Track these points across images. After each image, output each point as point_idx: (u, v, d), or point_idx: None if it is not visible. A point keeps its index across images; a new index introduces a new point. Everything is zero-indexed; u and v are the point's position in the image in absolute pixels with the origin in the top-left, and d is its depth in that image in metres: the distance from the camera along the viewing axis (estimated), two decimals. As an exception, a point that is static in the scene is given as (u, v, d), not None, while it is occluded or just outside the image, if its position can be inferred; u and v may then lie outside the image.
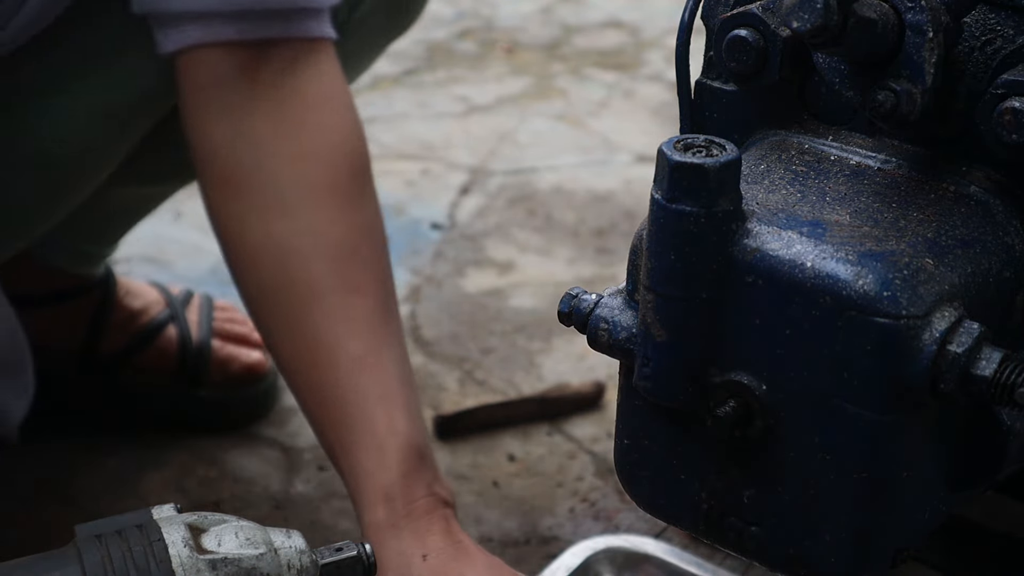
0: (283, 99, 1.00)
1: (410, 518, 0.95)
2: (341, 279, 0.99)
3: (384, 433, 0.97)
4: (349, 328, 0.99)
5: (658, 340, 0.76)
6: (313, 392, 1.00)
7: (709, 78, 0.86)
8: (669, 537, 1.17)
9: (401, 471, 0.96)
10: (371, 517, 0.96)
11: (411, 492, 0.96)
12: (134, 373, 1.36)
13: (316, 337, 0.99)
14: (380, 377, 0.98)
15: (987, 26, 0.77)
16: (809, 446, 0.75)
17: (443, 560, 0.94)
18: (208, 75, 1.00)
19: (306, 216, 1.00)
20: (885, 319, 0.70)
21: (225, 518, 0.79)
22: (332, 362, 0.98)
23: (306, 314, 0.99)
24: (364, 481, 0.96)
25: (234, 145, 1.01)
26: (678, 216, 0.73)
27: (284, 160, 1.00)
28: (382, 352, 0.99)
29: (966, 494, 0.82)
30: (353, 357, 0.98)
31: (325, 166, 1.01)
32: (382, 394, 0.98)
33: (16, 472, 1.29)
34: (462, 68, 2.30)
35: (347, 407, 0.98)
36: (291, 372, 1.02)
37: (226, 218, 1.03)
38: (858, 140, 0.83)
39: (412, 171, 1.92)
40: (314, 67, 1.01)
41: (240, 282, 1.04)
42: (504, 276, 1.66)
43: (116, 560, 0.74)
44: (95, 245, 1.35)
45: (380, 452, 0.96)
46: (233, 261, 1.04)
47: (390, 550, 0.94)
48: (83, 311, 1.35)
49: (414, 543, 0.94)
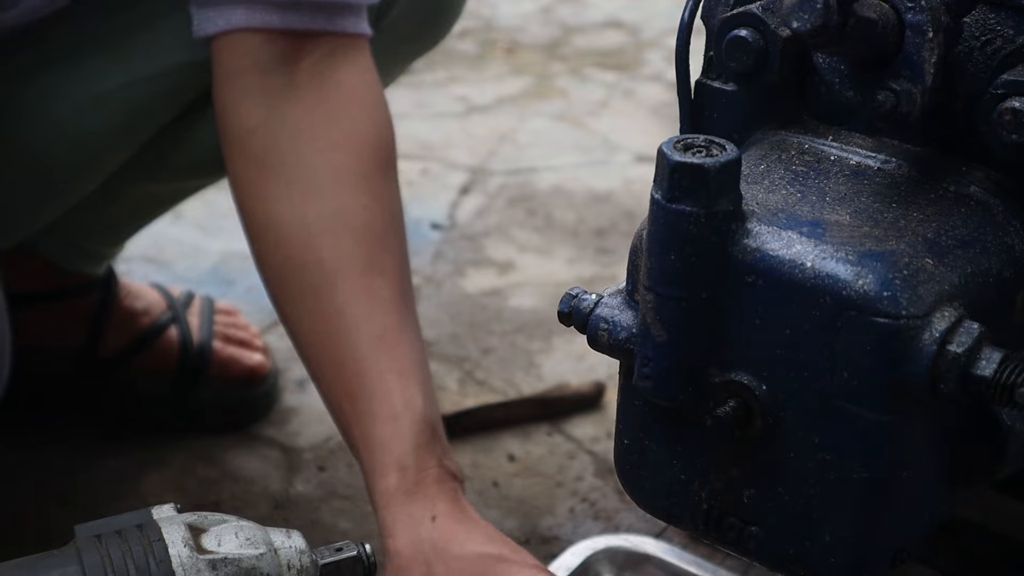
0: (321, 89, 1.03)
1: (421, 486, 0.98)
2: (367, 260, 1.03)
3: (400, 406, 1.00)
4: (373, 307, 1.02)
5: (658, 340, 0.76)
6: (331, 366, 1.03)
7: (709, 78, 0.87)
8: (669, 537, 1.17)
9: (415, 442, 0.99)
10: (383, 484, 0.98)
11: (423, 462, 0.98)
12: (135, 374, 1.36)
13: (340, 313, 1.02)
14: (399, 354, 1.01)
15: (987, 26, 0.77)
16: (809, 446, 0.75)
17: (451, 523, 0.96)
18: (249, 59, 1.02)
19: (337, 200, 1.03)
20: (885, 319, 0.70)
21: (225, 518, 0.79)
22: (353, 338, 1.01)
23: (331, 291, 1.02)
24: (377, 450, 0.99)
25: (270, 128, 1.03)
26: (678, 216, 0.73)
27: (320, 146, 1.03)
28: (402, 332, 1.02)
29: (966, 494, 0.82)
30: (374, 334, 1.01)
31: (358, 156, 1.04)
32: (400, 370, 1.01)
33: (16, 472, 1.29)
34: (462, 68, 2.30)
35: (365, 380, 1.00)
36: (309, 346, 1.05)
37: (256, 196, 1.06)
38: (858, 140, 0.83)
39: (412, 171, 1.92)
40: (352, 61, 1.04)
41: (263, 258, 1.07)
42: (504, 276, 1.66)
43: (116, 560, 0.74)
44: (103, 245, 1.35)
45: (395, 423, 0.99)
46: (258, 237, 1.07)
47: (400, 513, 0.97)
48: (84, 310, 1.35)
49: (424, 507, 0.97)
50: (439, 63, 2.31)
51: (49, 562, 0.75)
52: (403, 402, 1.00)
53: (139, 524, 0.77)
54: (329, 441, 1.36)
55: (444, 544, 0.95)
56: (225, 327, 1.40)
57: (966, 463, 0.79)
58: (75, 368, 1.35)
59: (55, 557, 0.75)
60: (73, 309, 1.35)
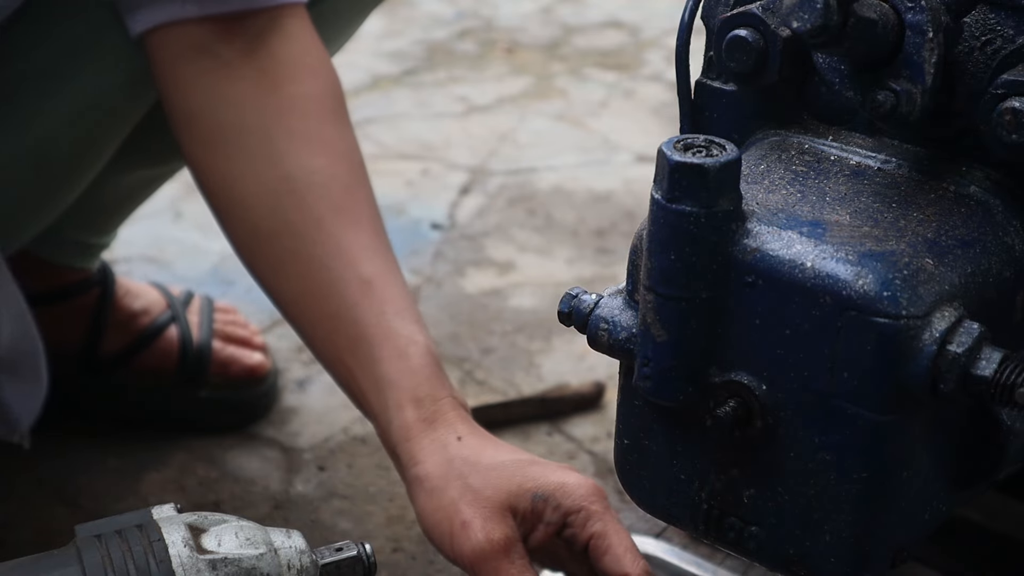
0: (256, 62, 1.04)
1: (439, 413, 0.98)
2: (338, 214, 1.03)
3: (404, 343, 1.00)
4: (353, 256, 1.02)
5: (658, 340, 0.76)
6: (325, 321, 1.03)
7: (709, 78, 0.87)
8: (669, 537, 1.17)
9: (426, 375, 0.99)
10: (401, 419, 0.98)
11: (437, 392, 0.99)
12: (134, 374, 1.36)
13: (322, 267, 1.02)
14: (392, 295, 1.02)
15: (987, 26, 0.77)
16: (809, 446, 0.75)
17: (477, 440, 0.97)
18: (179, 47, 1.03)
19: (295, 162, 1.03)
20: (885, 319, 0.70)
21: (225, 518, 0.79)
22: (341, 288, 1.02)
23: (308, 250, 1.02)
24: (389, 389, 0.99)
25: (213, 107, 1.04)
26: (678, 216, 0.73)
27: (266, 116, 1.04)
28: (388, 275, 1.03)
29: (966, 494, 0.82)
30: (363, 280, 1.02)
31: (304, 116, 1.05)
32: (396, 310, 1.01)
33: (16, 472, 1.29)
34: (462, 68, 2.30)
35: (364, 326, 1.00)
36: (298, 309, 1.05)
37: (213, 177, 1.06)
38: (858, 140, 0.83)
39: (412, 171, 1.92)
40: (284, 32, 1.05)
41: (234, 235, 1.07)
42: (504, 276, 1.66)
43: (116, 560, 0.74)
44: (92, 235, 1.35)
45: (403, 360, 0.99)
46: (225, 217, 1.07)
47: (424, 440, 0.97)
48: (82, 310, 1.35)
49: (447, 431, 0.97)
50: (439, 63, 2.31)
51: (49, 562, 0.75)
52: (407, 339, 1.00)
53: (139, 524, 0.77)
54: (329, 441, 1.36)
55: (475, 457, 0.95)
56: (225, 326, 1.40)
57: (966, 463, 0.79)
58: (75, 368, 1.35)
59: (55, 557, 0.75)
60: (71, 309, 1.35)
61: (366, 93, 2.19)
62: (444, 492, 0.94)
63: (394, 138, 2.03)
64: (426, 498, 0.95)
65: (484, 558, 0.91)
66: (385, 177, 1.90)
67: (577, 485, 0.93)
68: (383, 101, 2.16)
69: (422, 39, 2.41)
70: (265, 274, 1.07)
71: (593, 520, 0.92)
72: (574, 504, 0.93)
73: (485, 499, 0.93)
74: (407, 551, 1.22)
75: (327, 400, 1.41)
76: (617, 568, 0.91)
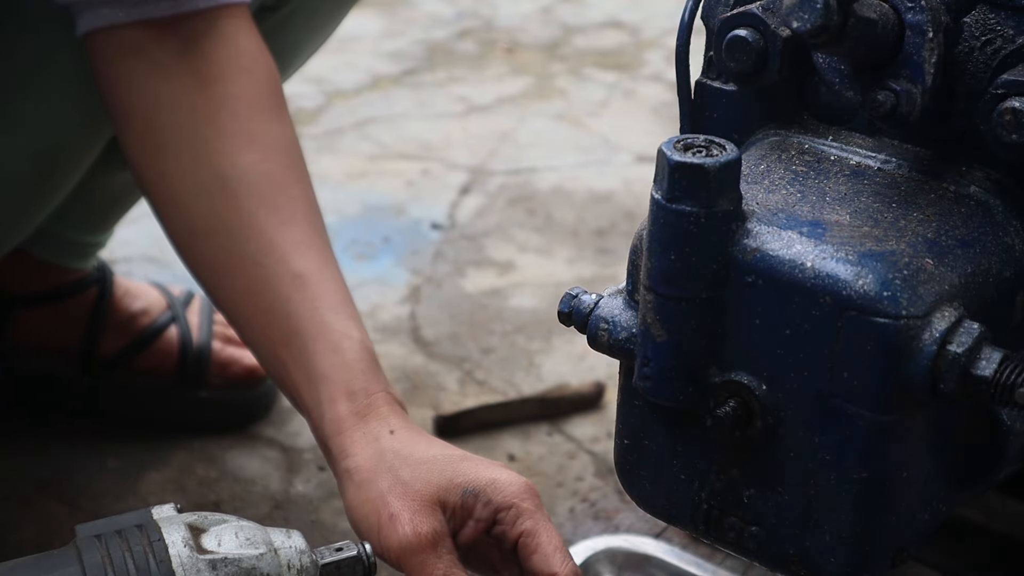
0: (190, 64, 1.04)
1: (372, 407, 0.97)
2: (270, 211, 1.03)
3: (339, 337, 0.99)
4: (285, 252, 1.02)
5: (658, 340, 0.76)
6: (260, 316, 1.02)
7: (709, 78, 0.87)
8: (669, 537, 1.17)
9: (360, 368, 0.98)
10: (333, 413, 0.97)
11: (371, 386, 0.98)
12: (134, 374, 1.36)
13: (255, 265, 1.02)
14: (326, 290, 1.01)
15: (987, 26, 0.77)
16: (809, 446, 0.75)
17: (409, 434, 0.96)
18: (115, 49, 1.04)
19: (227, 159, 1.04)
20: (885, 319, 0.70)
21: (225, 518, 0.79)
22: (274, 284, 1.01)
23: (241, 247, 1.02)
24: (322, 383, 0.98)
25: (147, 108, 1.05)
26: (678, 216, 0.73)
27: (199, 113, 1.04)
28: (323, 270, 1.02)
29: (966, 494, 0.82)
30: (296, 274, 1.01)
31: (236, 114, 1.05)
32: (331, 304, 1.01)
33: (16, 472, 1.29)
34: (462, 68, 2.30)
35: (298, 320, 1.00)
36: (234, 306, 1.05)
37: (149, 172, 1.07)
38: (858, 140, 0.83)
39: (412, 171, 1.92)
40: (219, 33, 1.05)
41: (171, 231, 1.07)
42: (504, 276, 1.66)
43: (116, 560, 0.74)
44: (87, 234, 1.35)
45: (337, 354, 0.98)
46: (161, 212, 1.07)
47: (356, 433, 0.96)
48: (80, 310, 1.35)
49: (379, 424, 0.96)
50: (439, 63, 2.31)
51: (49, 562, 0.75)
52: (340, 333, 0.99)
53: (139, 524, 0.77)
54: (329, 441, 1.36)
55: (407, 451, 0.94)
56: (225, 327, 1.40)
57: (966, 463, 0.79)
58: (75, 368, 1.35)
59: (55, 557, 0.75)
60: (70, 309, 1.35)
61: (366, 93, 2.19)
62: (373, 484, 0.93)
63: (394, 138, 2.03)
64: (355, 490, 0.94)
65: (411, 551, 0.89)
66: (385, 177, 1.91)
67: (508, 482, 0.92)
68: (383, 101, 2.16)
69: (422, 39, 2.41)
70: (202, 272, 1.07)
71: (523, 518, 0.91)
72: (504, 501, 0.91)
73: (414, 492, 0.91)
74: (407, 551, 1.22)
75: (327, 400, 1.41)
76: (546, 567, 0.89)
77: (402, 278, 1.64)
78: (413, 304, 1.59)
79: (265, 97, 1.07)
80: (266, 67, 1.08)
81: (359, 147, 2.00)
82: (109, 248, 1.42)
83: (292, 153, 1.07)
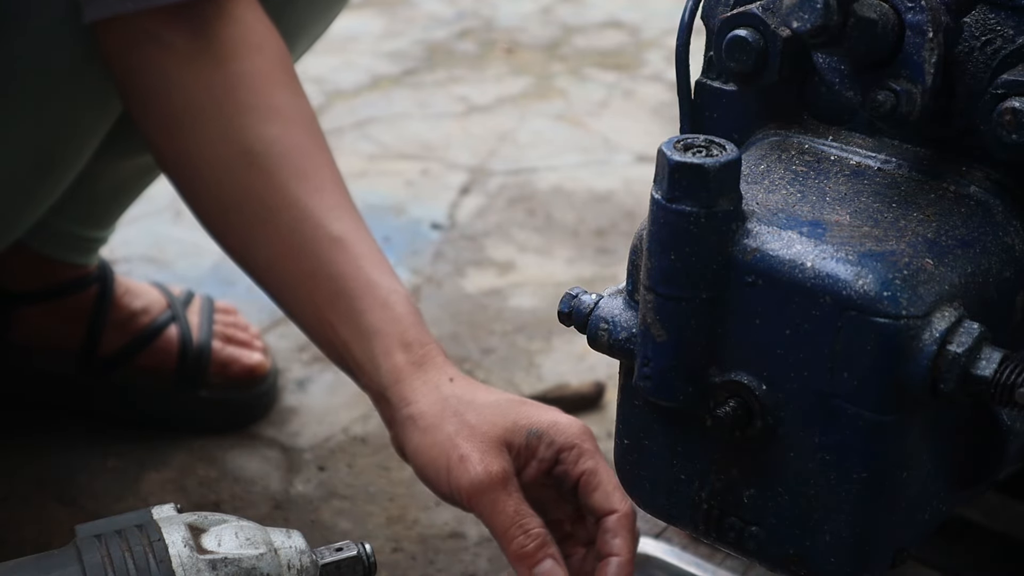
0: (203, 44, 1.05)
1: (428, 358, 1.00)
2: (300, 179, 1.04)
3: (386, 293, 1.01)
4: (321, 217, 1.03)
5: (658, 340, 0.76)
6: (303, 281, 1.03)
7: (709, 78, 0.87)
8: (669, 537, 1.17)
9: (411, 322, 1.01)
10: (390, 363, 0.99)
11: (424, 338, 1.00)
12: (134, 373, 1.36)
13: (292, 232, 1.03)
14: (365, 250, 1.03)
15: (987, 26, 0.77)
16: (809, 446, 0.75)
17: (468, 382, 0.99)
18: (126, 37, 1.05)
19: (251, 133, 1.05)
20: (885, 319, 0.70)
21: (225, 518, 0.79)
22: (315, 248, 1.03)
23: (275, 216, 1.04)
24: (375, 337, 1.00)
25: (164, 91, 1.06)
26: (678, 216, 0.73)
27: (216, 92, 1.05)
28: (358, 232, 1.04)
29: (966, 494, 0.82)
30: (334, 238, 1.03)
31: (255, 89, 1.06)
32: (373, 263, 1.02)
33: (16, 472, 1.29)
34: (462, 68, 2.30)
35: (343, 280, 1.01)
36: (273, 275, 1.06)
37: (172, 155, 1.08)
38: (858, 140, 0.83)
39: (412, 171, 1.92)
40: (228, 16, 1.06)
41: (199, 210, 1.08)
42: (504, 276, 1.66)
43: (116, 560, 0.74)
44: (89, 228, 1.35)
45: (387, 309, 1.00)
46: (188, 192, 1.08)
47: (416, 381, 0.98)
48: (81, 308, 1.35)
49: (438, 373, 0.99)
50: (439, 63, 2.31)
51: (49, 562, 0.75)
52: (387, 289, 1.01)
53: (139, 524, 0.77)
54: (329, 441, 1.36)
55: (469, 396, 0.97)
56: (225, 327, 1.40)
57: (966, 463, 0.79)
58: (74, 367, 1.35)
59: (55, 557, 0.75)
60: (70, 307, 1.35)
61: (366, 93, 2.19)
62: (440, 428, 0.95)
63: (394, 138, 2.03)
64: (420, 436, 0.96)
65: (482, 490, 0.92)
66: (385, 177, 1.91)
67: (569, 424, 0.96)
68: (383, 101, 2.16)
69: (422, 39, 2.41)
70: (235, 246, 1.08)
71: (585, 458, 0.94)
72: (567, 441, 0.95)
73: (482, 434, 0.94)
74: (407, 551, 1.22)
75: (327, 400, 1.41)
76: (607, 504, 0.93)
77: (402, 278, 1.63)
78: (413, 304, 1.59)
79: (279, 72, 1.08)
80: (276, 44, 1.09)
81: (359, 147, 2.00)
82: (109, 248, 1.42)
83: (312, 124, 1.08)
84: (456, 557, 1.22)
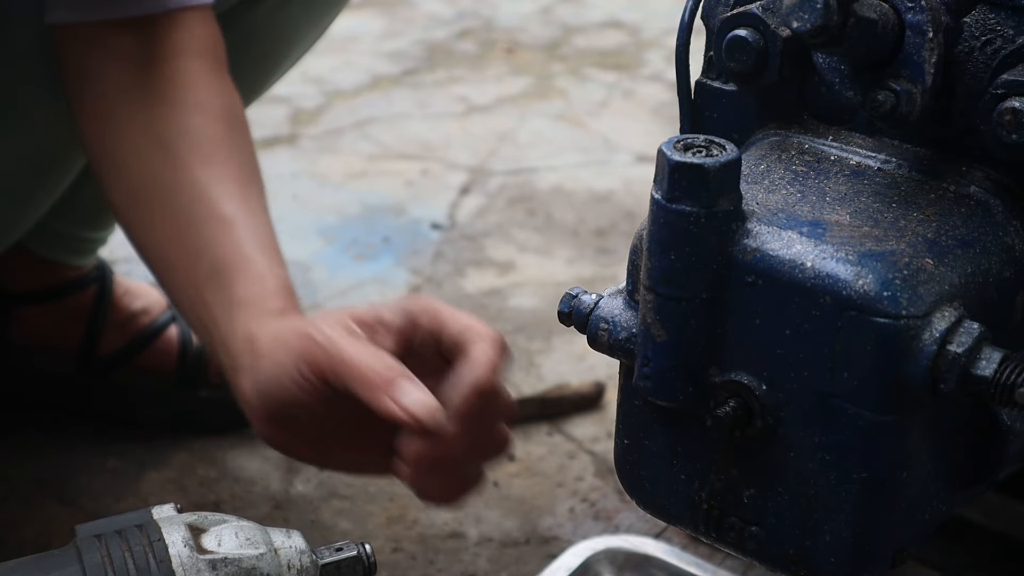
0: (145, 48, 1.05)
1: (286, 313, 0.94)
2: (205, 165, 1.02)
3: (264, 271, 0.96)
4: (215, 199, 1.00)
5: (658, 340, 0.76)
6: (186, 259, 0.99)
7: (709, 78, 0.87)
8: (669, 537, 1.17)
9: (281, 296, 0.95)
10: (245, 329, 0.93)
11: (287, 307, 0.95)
12: (134, 373, 1.36)
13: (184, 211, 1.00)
14: (253, 233, 0.99)
15: (987, 26, 0.77)
16: (809, 446, 0.75)
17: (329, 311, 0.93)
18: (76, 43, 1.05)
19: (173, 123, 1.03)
20: (885, 319, 0.70)
21: (225, 518, 0.79)
22: (202, 227, 0.99)
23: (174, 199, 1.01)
24: (239, 310, 0.94)
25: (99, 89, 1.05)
26: (678, 216, 0.73)
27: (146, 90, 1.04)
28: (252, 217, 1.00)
29: (966, 494, 0.82)
30: (224, 218, 0.99)
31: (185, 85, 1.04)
32: (258, 246, 0.98)
33: (16, 472, 1.29)
34: (462, 68, 2.30)
35: (223, 258, 0.97)
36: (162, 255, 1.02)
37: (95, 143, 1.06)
38: (858, 140, 0.83)
39: (412, 171, 1.92)
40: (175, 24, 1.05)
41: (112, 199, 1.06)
42: (504, 276, 1.66)
43: (116, 560, 0.74)
44: (87, 229, 1.35)
45: (259, 284, 0.95)
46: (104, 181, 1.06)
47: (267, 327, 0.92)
48: (80, 308, 1.35)
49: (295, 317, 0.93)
50: (439, 63, 2.31)
51: (49, 562, 0.75)
52: (266, 269, 0.96)
53: (139, 524, 0.77)
54: (329, 441, 1.36)
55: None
56: (225, 327, 1.40)
57: (966, 463, 0.79)
58: (74, 368, 1.35)
59: (55, 557, 0.75)
60: (69, 307, 1.35)
61: (366, 93, 2.19)
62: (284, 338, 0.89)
63: (394, 138, 2.03)
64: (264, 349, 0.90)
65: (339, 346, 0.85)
66: (385, 177, 1.91)
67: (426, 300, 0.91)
68: (383, 101, 2.16)
69: (422, 39, 2.41)
70: (136, 231, 1.05)
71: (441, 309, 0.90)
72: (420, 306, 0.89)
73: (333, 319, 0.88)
74: (407, 551, 1.22)
75: (327, 400, 1.41)
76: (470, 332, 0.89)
77: (402, 278, 1.64)
78: (413, 304, 1.59)
79: (215, 75, 1.06)
80: (218, 48, 1.08)
81: (359, 147, 2.00)
82: (109, 248, 1.42)
83: (235, 120, 1.06)
84: (456, 557, 1.22)
